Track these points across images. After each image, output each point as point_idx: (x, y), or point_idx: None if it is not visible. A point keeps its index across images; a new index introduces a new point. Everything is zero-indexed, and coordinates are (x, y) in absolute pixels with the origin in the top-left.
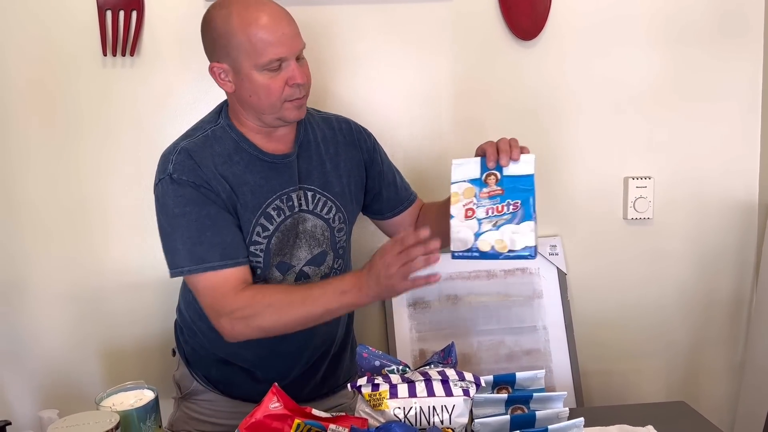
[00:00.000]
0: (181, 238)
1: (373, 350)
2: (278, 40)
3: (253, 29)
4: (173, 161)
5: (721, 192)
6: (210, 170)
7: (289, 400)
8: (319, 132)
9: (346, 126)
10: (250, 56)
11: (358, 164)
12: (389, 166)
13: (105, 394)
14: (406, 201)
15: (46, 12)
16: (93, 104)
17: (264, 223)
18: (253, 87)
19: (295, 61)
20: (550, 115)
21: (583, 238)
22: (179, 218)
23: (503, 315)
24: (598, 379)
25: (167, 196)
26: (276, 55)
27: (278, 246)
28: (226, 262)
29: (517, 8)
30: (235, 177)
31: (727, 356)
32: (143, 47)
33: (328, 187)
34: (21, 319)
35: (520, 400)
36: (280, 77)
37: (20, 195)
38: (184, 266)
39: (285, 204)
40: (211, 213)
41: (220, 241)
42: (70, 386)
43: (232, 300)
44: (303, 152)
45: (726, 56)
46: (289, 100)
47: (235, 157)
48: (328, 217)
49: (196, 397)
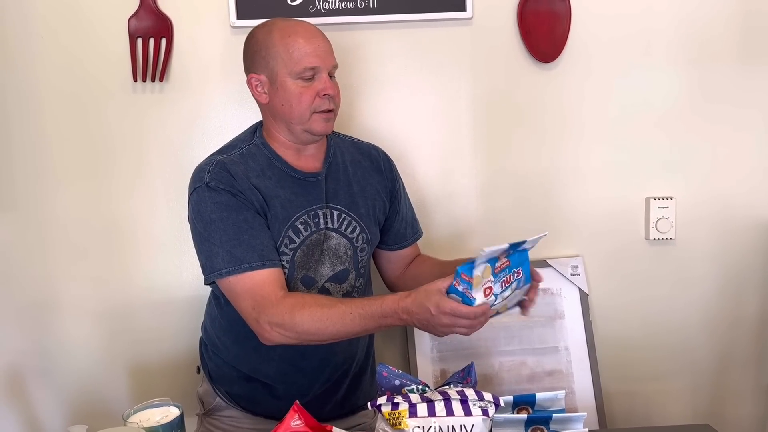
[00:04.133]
0: (220, 242)
1: (393, 369)
2: (314, 51)
3: (292, 39)
4: (209, 172)
5: (745, 211)
6: (244, 182)
7: (310, 417)
8: (348, 155)
9: (375, 152)
10: (286, 64)
11: (383, 190)
12: (406, 200)
13: (132, 410)
14: (411, 238)
15: (79, 41)
16: (124, 128)
17: (291, 235)
18: (285, 95)
19: (327, 75)
20: (571, 136)
21: (605, 259)
22: (216, 223)
23: (525, 335)
24: (622, 401)
25: (203, 203)
26: (310, 63)
27: (303, 259)
28: (265, 263)
29: (537, 31)
30: (267, 189)
31: (753, 378)
32: (172, 74)
33: (354, 207)
34: (51, 336)
35: (540, 420)
36: (312, 88)
37: (52, 216)
38: (222, 268)
39: (311, 220)
40: (248, 218)
41: (258, 243)
42: (98, 402)
43: (274, 304)
44: (331, 172)
45: (748, 75)
46: (317, 111)
47: (268, 173)
48: (352, 236)
49: (218, 413)
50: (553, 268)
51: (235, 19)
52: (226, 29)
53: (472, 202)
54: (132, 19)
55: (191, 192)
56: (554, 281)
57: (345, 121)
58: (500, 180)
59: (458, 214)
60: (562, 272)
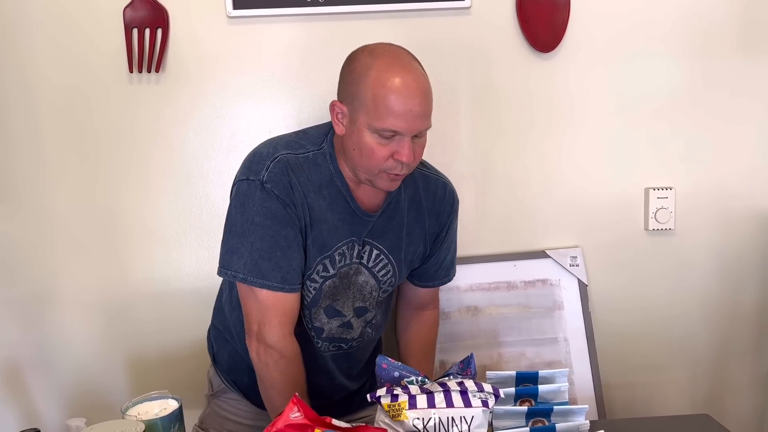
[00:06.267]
0: (251, 246)
1: (392, 361)
2: (402, 114)
3: (383, 92)
4: (269, 168)
5: (744, 201)
6: (300, 194)
7: (310, 410)
8: (411, 190)
9: (441, 193)
10: (369, 115)
11: (430, 235)
12: (451, 243)
13: (131, 403)
14: (437, 281)
15: (74, 32)
16: (120, 119)
17: (327, 264)
18: (359, 143)
19: (409, 139)
20: (570, 127)
21: (604, 249)
22: (257, 227)
23: (524, 326)
24: (621, 392)
25: (251, 200)
26: (393, 126)
27: (331, 290)
28: (284, 286)
29: (536, 21)
30: (319, 211)
31: (752, 368)
32: (168, 64)
33: (396, 251)
34: (50, 328)
35: (541, 412)
36: (389, 147)
37: (50, 208)
38: (240, 272)
39: (349, 252)
40: (289, 235)
41: (285, 265)
42: (96, 395)
43: (277, 337)
44: (388, 210)
45: (748, 64)
46: (387, 171)
47: (325, 191)
48: (383, 279)
49: (225, 396)
50: (553, 258)
51: (231, 9)
52: (223, 19)
53: (470, 193)
54: (127, 9)
55: (242, 180)
56: (553, 272)
57: None
58: (499, 170)
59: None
60: (561, 263)
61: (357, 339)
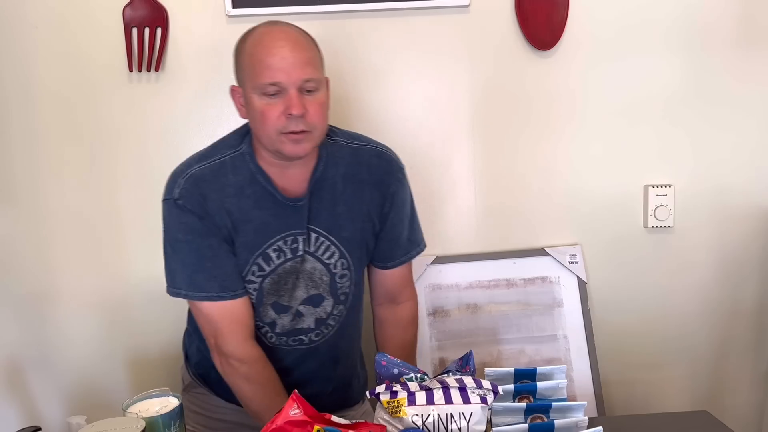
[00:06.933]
0: (182, 263)
1: (391, 358)
2: (275, 64)
3: (256, 49)
4: (181, 186)
5: (743, 199)
6: (215, 203)
7: (309, 406)
8: (341, 167)
9: (375, 162)
10: (250, 78)
11: (375, 209)
12: (406, 216)
13: (131, 400)
14: (395, 260)
15: (74, 31)
16: (120, 118)
17: (261, 263)
18: (252, 111)
19: (295, 91)
20: (569, 124)
21: (604, 247)
22: (181, 243)
23: (523, 324)
24: (620, 389)
25: (171, 219)
26: (270, 78)
27: (273, 287)
28: (225, 294)
29: (534, 18)
30: (240, 212)
31: (752, 366)
32: (168, 63)
33: (335, 231)
34: (50, 327)
35: (540, 409)
36: (278, 105)
37: (50, 207)
38: (181, 289)
39: (288, 246)
40: (213, 244)
41: (220, 273)
42: (97, 393)
43: (233, 346)
44: (317, 190)
45: (747, 62)
46: (284, 133)
47: (248, 191)
48: (329, 262)
49: (194, 390)
50: (552, 256)
51: (231, 8)
52: (222, 18)
53: (470, 192)
54: (127, 8)
55: (163, 200)
56: (553, 269)
57: (342, 107)
58: (498, 168)
59: (456, 203)
60: (561, 260)
61: (315, 331)
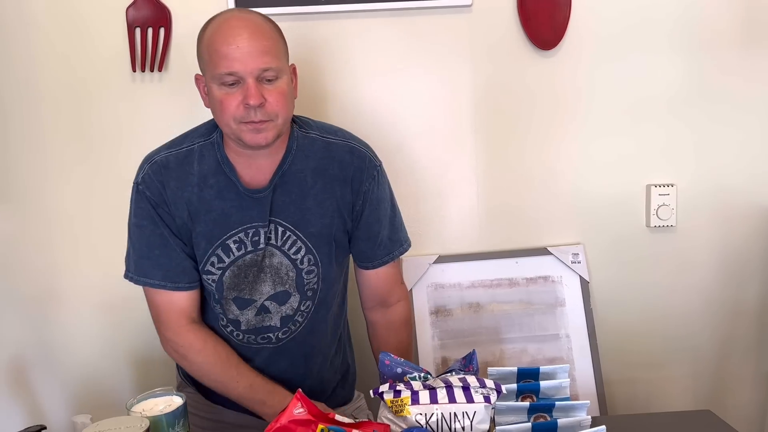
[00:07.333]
0: (133, 247)
1: (395, 357)
2: (230, 53)
3: (213, 38)
4: (144, 171)
5: (746, 198)
6: (174, 192)
7: (313, 405)
8: (312, 161)
9: (348, 158)
10: (208, 66)
11: (345, 206)
12: (378, 218)
13: (135, 399)
14: (377, 260)
15: (77, 31)
16: (123, 119)
17: (220, 254)
18: (213, 101)
19: (253, 81)
20: (571, 124)
21: (606, 246)
22: (135, 228)
23: (526, 323)
24: (622, 388)
25: (132, 202)
26: (227, 68)
27: (233, 281)
28: (166, 284)
29: (537, 18)
30: (201, 203)
31: (754, 364)
32: (171, 63)
33: (302, 225)
34: (55, 327)
35: (543, 408)
36: (236, 95)
37: (53, 207)
38: (128, 271)
39: (249, 239)
40: (164, 234)
41: (165, 263)
42: (102, 392)
43: (173, 332)
44: (284, 183)
45: (750, 61)
46: (244, 122)
47: (211, 180)
48: (295, 257)
49: (185, 390)
50: (554, 255)
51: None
52: None
53: (472, 191)
54: (130, 8)
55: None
56: (555, 269)
57: (343, 111)
58: (501, 168)
59: (459, 202)
60: (563, 260)
61: (282, 329)
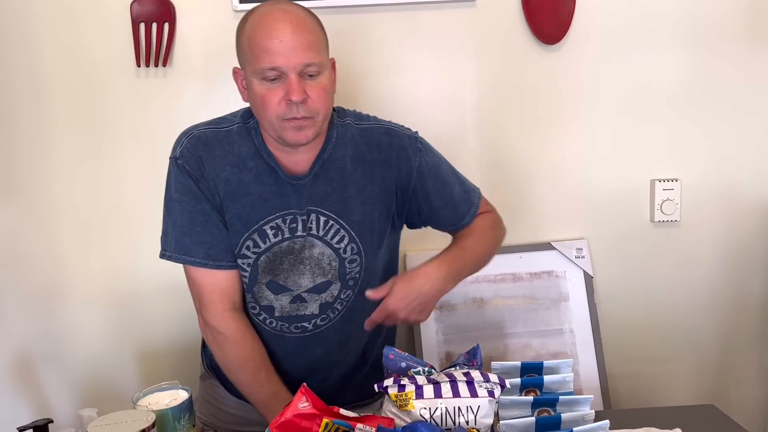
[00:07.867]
0: (173, 224)
1: (399, 352)
2: (273, 48)
3: (254, 32)
4: (183, 144)
5: (750, 193)
6: (212, 170)
7: (318, 399)
8: (350, 149)
9: (386, 139)
10: (250, 62)
11: (388, 189)
12: (443, 184)
13: (141, 393)
14: (467, 217)
15: (82, 26)
16: (128, 113)
17: (256, 239)
18: (254, 97)
19: (295, 76)
20: (576, 119)
21: (610, 241)
22: (176, 203)
23: (530, 318)
24: (626, 383)
25: (171, 177)
26: (269, 63)
27: (268, 266)
28: (208, 262)
29: (541, 13)
30: (239, 184)
31: (757, 359)
32: (175, 58)
33: (345, 214)
34: (61, 321)
35: (547, 402)
36: (278, 91)
37: (59, 202)
38: (167, 250)
39: (286, 225)
40: (206, 209)
41: (207, 240)
42: (108, 386)
43: (214, 315)
44: (324, 173)
45: (755, 56)
46: (286, 119)
47: (250, 164)
48: (338, 246)
49: (208, 380)
50: (558, 250)
51: (238, 3)
52: (229, 13)
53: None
54: (135, 3)
55: (169, 157)
56: (559, 264)
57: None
58: (505, 162)
59: None
60: (567, 255)
61: (320, 316)
